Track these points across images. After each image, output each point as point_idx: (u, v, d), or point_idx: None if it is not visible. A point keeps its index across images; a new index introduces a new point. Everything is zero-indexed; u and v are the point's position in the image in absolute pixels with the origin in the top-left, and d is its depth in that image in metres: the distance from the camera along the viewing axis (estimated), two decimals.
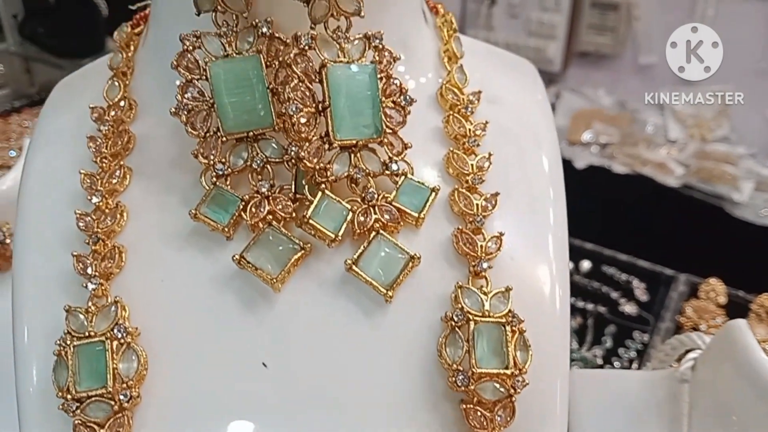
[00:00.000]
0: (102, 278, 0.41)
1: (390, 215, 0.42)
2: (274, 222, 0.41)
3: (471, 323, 0.40)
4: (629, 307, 1.33)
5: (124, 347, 0.40)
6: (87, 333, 0.40)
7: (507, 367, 0.39)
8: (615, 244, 1.45)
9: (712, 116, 1.80)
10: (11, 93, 1.88)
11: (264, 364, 0.40)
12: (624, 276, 1.40)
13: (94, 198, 0.43)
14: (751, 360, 0.57)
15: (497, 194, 0.44)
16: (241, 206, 0.41)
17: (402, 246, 0.41)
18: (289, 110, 0.40)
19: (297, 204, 0.42)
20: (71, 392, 0.39)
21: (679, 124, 1.82)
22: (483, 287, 0.41)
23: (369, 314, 0.41)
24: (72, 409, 0.39)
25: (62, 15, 1.88)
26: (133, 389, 0.39)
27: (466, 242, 0.42)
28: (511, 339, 0.40)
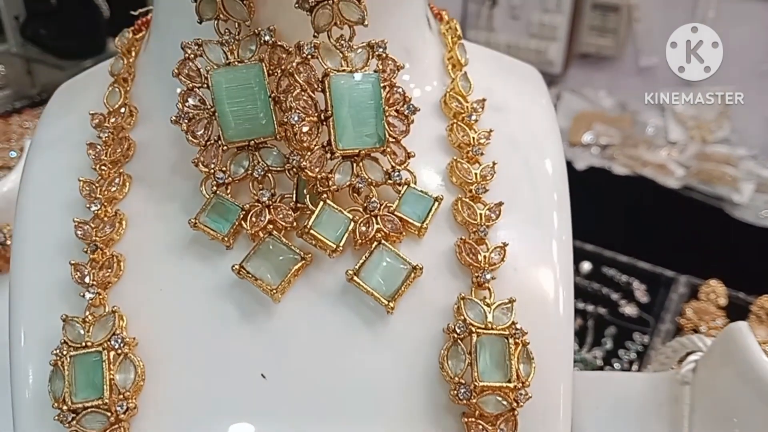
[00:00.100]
0: (100, 287, 0.41)
1: (392, 225, 0.41)
2: (275, 231, 0.41)
3: (473, 335, 0.39)
4: (629, 309, 1.33)
5: (122, 358, 0.40)
6: (84, 343, 0.39)
7: (510, 381, 0.39)
8: (615, 246, 1.45)
9: (713, 118, 1.80)
10: (12, 94, 1.88)
11: (263, 376, 0.40)
12: (624, 277, 1.40)
13: (93, 206, 0.43)
14: (753, 362, 0.57)
15: (501, 204, 0.43)
16: (242, 215, 0.41)
17: (404, 256, 0.41)
18: (291, 119, 0.39)
19: (298, 213, 0.41)
20: (67, 403, 0.39)
21: (680, 126, 1.82)
22: (486, 298, 0.41)
23: (370, 325, 0.41)
24: (68, 420, 0.39)
25: (64, 16, 1.89)
26: (130, 400, 0.39)
27: (469, 252, 0.42)
28: (514, 352, 0.39)
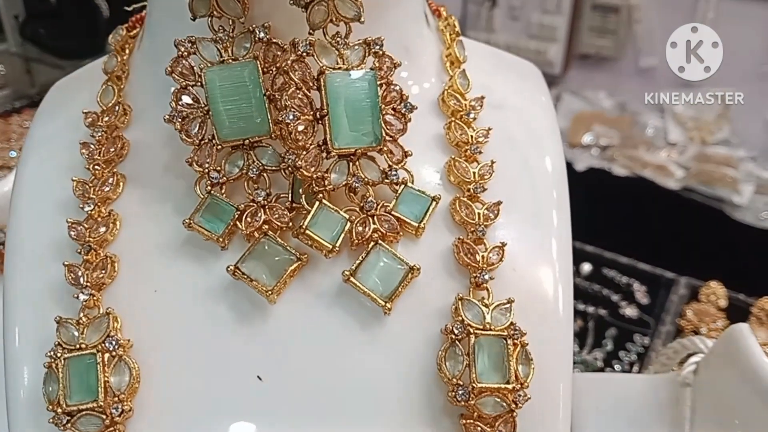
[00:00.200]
0: (94, 288, 0.40)
1: (389, 225, 0.41)
2: (270, 232, 0.40)
3: (472, 336, 0.39)
4: (630, 310, 1.32)
5: (116, 360, 0.39)
6: (78, 345, 0.39)
7: (508, 382, 0.38)
8: (615, 247, 1.45)
9: (713, 119, 1.80)
10: (12, 93, 1.89)
11: (259, 377, 0.40)
12: (624, 279, 1.40)
13: (87, 206, 0.42)
14: (754, 364, 0.57)
15: (499, 203, 0.43)
16: (237, 215, 0.40)
17: (401, 256, 0.40)
18: (287, 118, 0.39)
19: (294, 213, 0.41)
20: (62, 405, 0.38)
21: (680, 127, 1.82)
22: (484, 299, 0.41)
23: (367, 326, 0.40)
24: (63, 423, 0.38)
25: (63, 16, 1.89)
26: (125, 403, 0.39)
27: (467, 252, 0.41)
28: (513, 353, 0.39)
